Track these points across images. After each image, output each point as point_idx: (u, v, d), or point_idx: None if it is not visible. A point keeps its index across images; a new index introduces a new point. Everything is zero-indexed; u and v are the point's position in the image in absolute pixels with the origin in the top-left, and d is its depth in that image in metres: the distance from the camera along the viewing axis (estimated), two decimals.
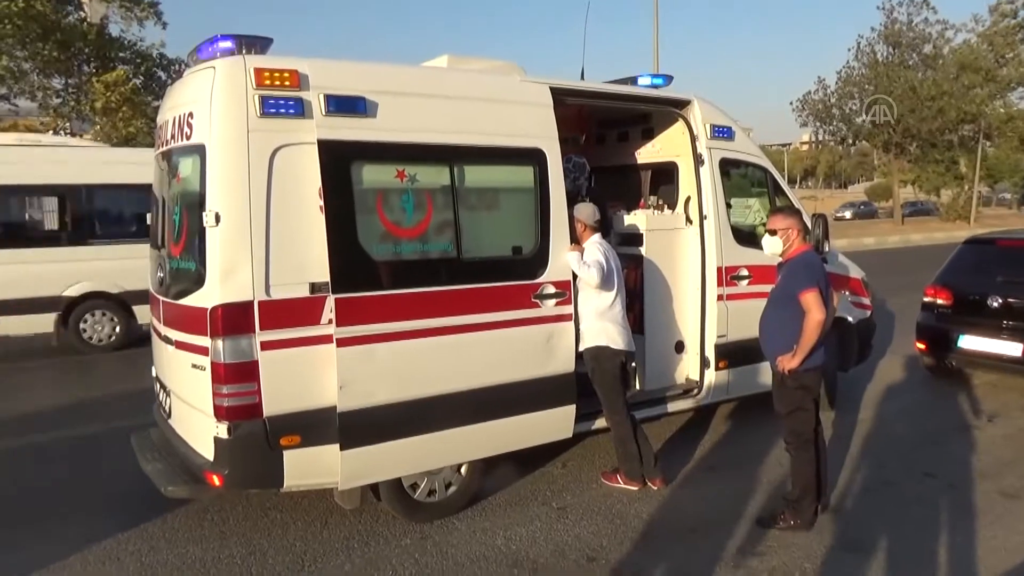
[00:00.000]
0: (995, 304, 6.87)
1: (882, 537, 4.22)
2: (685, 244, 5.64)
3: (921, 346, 7.55)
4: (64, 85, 17.55)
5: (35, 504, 4.83)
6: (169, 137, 4.31)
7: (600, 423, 4.98)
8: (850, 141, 36.26)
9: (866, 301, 6.92)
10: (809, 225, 5.36)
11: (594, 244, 4.75)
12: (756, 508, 4.62)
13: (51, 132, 19.49)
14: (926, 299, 7.51)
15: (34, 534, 4.38)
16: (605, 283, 4.64)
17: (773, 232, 4.41)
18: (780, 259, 4.50)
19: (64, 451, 5.80)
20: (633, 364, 5.12)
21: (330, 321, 3.86)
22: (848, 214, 45.35)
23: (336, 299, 3.84)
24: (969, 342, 7.01)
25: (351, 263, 3.92)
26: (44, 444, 5.98)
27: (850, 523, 4.41)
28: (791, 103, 38.45)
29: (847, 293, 6.65)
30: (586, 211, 4.84)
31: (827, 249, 6.17)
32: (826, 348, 4.47)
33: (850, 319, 6.61)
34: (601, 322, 4.74)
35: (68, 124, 20.13)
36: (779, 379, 4.35)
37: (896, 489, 4.91)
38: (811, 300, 4.12)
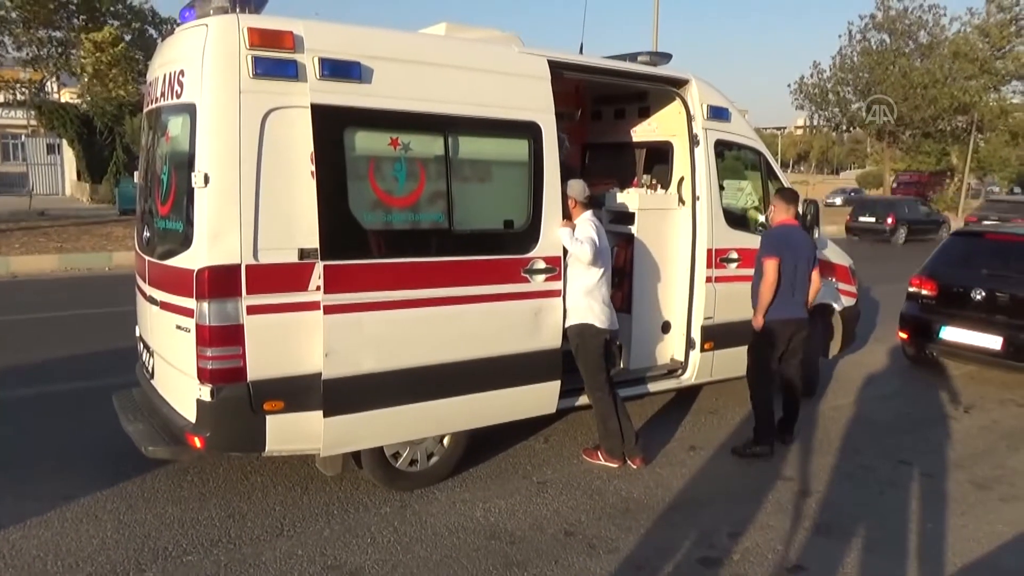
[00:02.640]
0: (979, 297, 6.95)
1: (855, 522, 4.29)
2: (676, 225, 5.64)
3: (904, 335, 7.63)
4: (49, 38, 17.11)
5: (14, 459, 4.81)
6: (159, 95, 4.23)
7: (584, 400, 5.00)
8: (844, 127, 36.24)
9: (852, 289, 6.96)
10: (799, 207, 5.49)
11: (586, 220, 4.73)
12: (735, 488, 4.69)
13: (36, 86, 19.08)
14: (911, 289, 7.57)
15: (12, 490, 4.37)
16: (596, 260, 4.63)
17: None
18: None
19: (45, 408, 5.77)
20: (618, 343, 5.13)
21: (318, 288, 3.83)
22: (839, 200, 45.44)
23: (325, 266, 3.81)
24: (951, 333, 7.09)
25: (341, 230, 3.88)
26: (25, 400, 5.95)
27: (824, 506, 4.48)
28: (788, 85, 38.22)
29: (833, 280, 6.69)
30: (577, 187, 4.81)
31: (817, 235, 6.21)
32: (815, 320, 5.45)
33: (835, 306, 6.66)
34: (587, 300, 4.74)
35: (55, 77, 19.72)
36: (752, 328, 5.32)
37: (871, 475, 4.99)
38: (766, 266, 5.11)
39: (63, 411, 5.69)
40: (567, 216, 4.75)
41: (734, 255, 5.71)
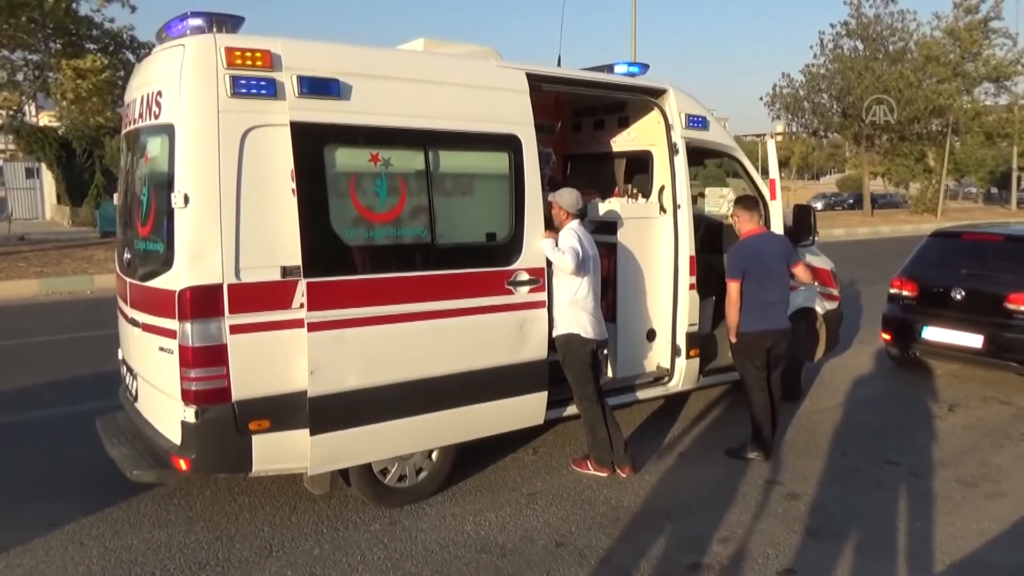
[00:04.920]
0: (958, 296, 7.02)
1: (844, 523, 4.31)
2: (658, 233, 5.67)
3: (886, 336, 7.69)
4: (25, 61, 16.96)
5: None
6: (137, 116, 4.22)
7: (572, 410, 5.00)
8: (821, 133, 36.61)
9: (835, 292, 7.02)
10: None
11: (570, 230, 4.75)
12: (724, 494, 4.69)
13: (13, 110, 18.90)
14: (892, 291, 7.64)
15: None
16: (580, 270, 4.64)
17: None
18: None
19: (27, 434, 5.70)
20: (604, 352, 5.14)
21: (301, 305, 3.82)
22: (819, 205, 45.95)
23: (308, 283, 3.80)
24: (933, 333, 7.16)
25: (323, 247, 3.88)
26: (7, 426, 5.86)
27: (813, 509, 4.50)
28: (761, 98, 38.51)
29: (816, 284, 6.74)
30: (568, 198, 4.81)
31: (815, 239, 6.36)
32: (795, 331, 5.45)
33: (818, 310, 6.71)
34: (573, 309, 4.75)
35: (32, 102, 19.53)
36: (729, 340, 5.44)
37: (859, 476, 5.02)
38: (729, 288, 5.23)
39: (46, 437, 5.62)
40: (550, 227, 4.77)
41: None
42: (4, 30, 14.76)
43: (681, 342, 5.62)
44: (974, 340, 6.86)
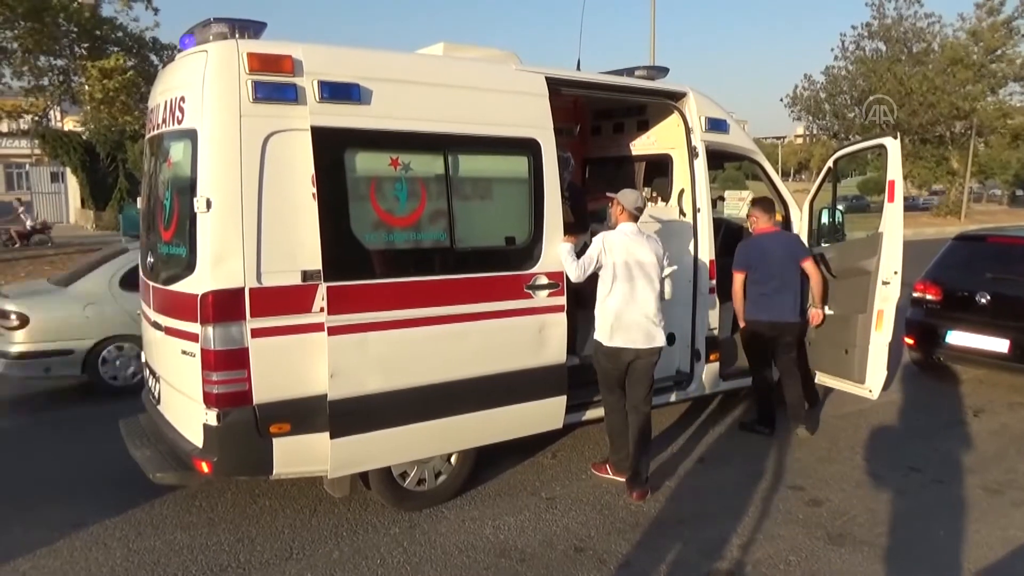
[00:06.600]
0: (983, 301, 6.92)
1: (867, 530, 4.26)
2: (678, 236, 5.64)
3: (909, 341, 7.59)
4: (50, 66, 17.21)
5: (21, 488, 4.81)
6: (160, 121, 4.27)
7: (591, 414, 4.99)
8: (842, 135, 36.26)
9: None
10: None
11: (599, 238, 4.65)
12: (744, 499, 4.66)
13: (39, 115, 19.19)
14: (915, 294, 7.54)
15: (20, 518, 4.36)
16: (586, 282, 4.61)
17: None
18: None
19: (52, 435, 5.78)
20: (654, 361, 4.88)
21: (322, 309, 3.84)
22: (841, 207, 45.56)
23: (328, 287, 3.82)
24: (957, 338, 7.06)
25: (344, 251, 3.90)
26: (32, 427, 5.95)
27: (836, 515, 4.45)
28: (781, 99, 38.04)
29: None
30: (630, 198, 4.71)
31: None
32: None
33: None
34: (597, 313, 4.71)
35: (58, 106, 19.83)
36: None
37: (882, 482, 4.96)
38: (734, 277, 5.66)
39: (70, 438, 5.69)
40: (569, 232, 4.73)
41: None
42: (29, 34, 14.98)
43: (701, 346, 5.59)
44: (1000, 345, 6.75)
